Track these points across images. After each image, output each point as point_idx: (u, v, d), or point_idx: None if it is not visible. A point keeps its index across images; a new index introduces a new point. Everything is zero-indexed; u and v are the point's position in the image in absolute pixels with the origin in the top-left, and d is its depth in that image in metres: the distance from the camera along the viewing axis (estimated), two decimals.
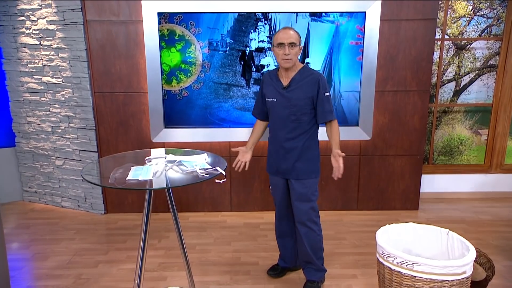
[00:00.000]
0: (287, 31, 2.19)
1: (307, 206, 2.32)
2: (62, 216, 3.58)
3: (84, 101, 3.43)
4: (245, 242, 3.07)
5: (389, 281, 1.88)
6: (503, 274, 2.60)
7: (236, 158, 2.47)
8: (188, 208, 3.66)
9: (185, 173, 1.70)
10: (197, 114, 3.44)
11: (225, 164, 1.79)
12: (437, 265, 1.72)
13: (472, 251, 1.81)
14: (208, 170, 1.70)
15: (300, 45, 2.22)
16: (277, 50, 2.20)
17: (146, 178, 1.59)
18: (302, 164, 2.30)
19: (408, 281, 1.79)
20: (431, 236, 2.08)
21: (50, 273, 2.62)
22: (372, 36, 3.27)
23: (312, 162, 2.33)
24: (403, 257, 1.78)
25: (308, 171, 2.32)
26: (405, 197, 3.68)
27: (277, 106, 2.30)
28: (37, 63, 3.51)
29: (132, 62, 3.35)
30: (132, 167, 1.72)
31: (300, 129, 2.28)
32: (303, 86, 2.24)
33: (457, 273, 1.73)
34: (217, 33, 3.27)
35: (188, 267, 1.98)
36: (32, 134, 3.74)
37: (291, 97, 2.25)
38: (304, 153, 2.30)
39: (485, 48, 3.77)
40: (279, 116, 2.30)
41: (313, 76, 2.24)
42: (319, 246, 2.41)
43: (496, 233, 3.23)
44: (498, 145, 3.94)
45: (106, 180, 1.65)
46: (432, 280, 1.74)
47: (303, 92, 2.23)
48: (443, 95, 3.88)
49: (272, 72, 2.38)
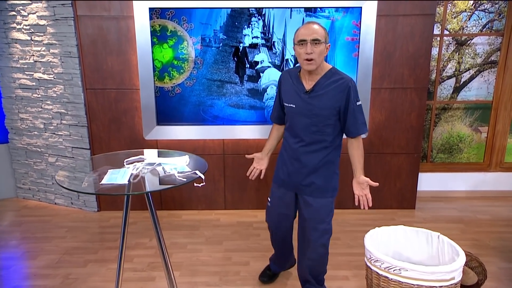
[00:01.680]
0: (310, 26, 1.86)
1: (319, 229, 2.06)
2: (55, 214, 3.57)
3: (75, 97, 3.40)
4: (237, 241, 3.04)
5: (377, 285, 1.84)
6: (499, 276, 2.56)
7: (251, 165, 2.29)
8: (181, 206, 3.64)
9: (162, 177, 1.67)
10: (190, 111, 3.40)
11: (205, 167, 1.76)
12: (425, 271, 1.68)
13: (461, 256, 1.78)
14: (187, 173, 1.67)
15: (327, 43, 1.89)
16: (298, 48, 1.88)
17: (122, 182, 1.56)
18: (319, 180, 2.02)
19: (396, 286, 1.76)
20: (422, 239, 2.05)
21: (38, 273, 2.62)
22: (369, 32, 3.20)
23: (331, 179, 2.05)
24: (391, 262, 1.75)
25: (325, 189, 2.03)
26: (402, 196, 3.64)
27: (297, 113, 1.99)
28: (29, 59, 3.48)
29: (124, 58, 3.31)
30: (109, 169, 1.69)
31: (321, 142, 1.98)
32: (330, 93, 1.91)
33: (445, 279, 1.70)
34: (209, 28, 3.22)
35: (167, 270, 1.92)
36: (24, 131, 3.72)
37: (315, 104, 1.93)
38: (324, 169, 2.02)
39: (486, 44, 3.70)
40: (298, 124, 1.99)
41: (343, 81, 1.90)
42: (323, 269, 2.23)
43: (494, 233, 3.18)
44: (498, 143, 3.87)
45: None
46: (420, 286, 1.70)
47: (330, 99, 1.91)
48: (442, 91, 3.81)
49: (293, 72, 2.05)
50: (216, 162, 3.54)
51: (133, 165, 1.72)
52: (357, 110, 1.93)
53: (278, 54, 3.28)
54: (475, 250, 2.90)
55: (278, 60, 3.29)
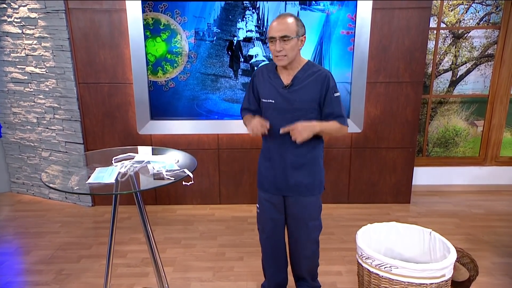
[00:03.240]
0: (280, 21, 1.80)
1: (310, 226, 2.04)
2: (49, 208, 3.57)
3: (68, 92, 3.37)
4: (231, 236, 3.05)
5: (368, 282, 1.85)
6: (491, 271, 2.57)
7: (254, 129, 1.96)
8: (176, 201, 3.64)
9: (151, 175, 1.66)
10: (184, 105, 3.38)
11: (195, 165, 1.75)
12: (415, 268, 1.68)
13: (452, 254, 1.78)
14: (175, 172, 1.65)
15: (299, 36, 1.83)
16: (270, 45, 1.85)
17: (108, 181, 1.55)
18: (306, 178, 1.98)
19: (386, 283, 1.76)
20: (414, 235, 2.05)
21: (31, 268, 2.62)
22: (364, 25, 3.17)
23: (317, 175, 2.01)
24: (381, 259, 1.75)
25: (312, 186, 2.00)
26: (397, 190, 3.64)
27: (276, 108, 1.93)
28: (20, 52, 3.44)
29: (117, 52, 3.28)
30: (96, 168, 1.68)
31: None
32: (309, 85, 1.88)
33: (436, 276, 1.70)
34: (203, 22, 3.19)
35: (156, 268, 1.90)
36: (17, 125, 3.70)
37: (294, 99, 1.89)
38: (310, 166, 1.98)
39: (483, 37, 3.67)
40: (278, 121, 1.91)
41: (320, 73, 1.89)
42: (317, 263, 2.22)
43: (488, 228, 3.19)
44: (494, 137, 3.87)
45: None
46: (410, 283, 1.71)
47: (309, 92, 1.88)
48: (439, 85, 3.80)
49: (270, 67, 2.00)
50: (211, 156, 3.53)
51: (121, 163, 1.71)
52: (334, 101, 1.90)
53: None
54: (469, 245, 2.91)
55: None
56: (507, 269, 2.60)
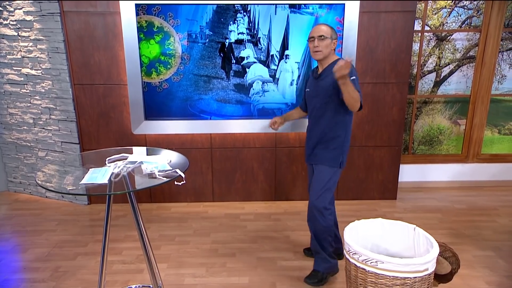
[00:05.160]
0: (318, 26, 2.24)
1: (315, 189, 2.31)
2: (46, 207, 3.53)
3: (64, 93, 3.33)
4: (224, 233, 3.04)
5: (355, 277, 1.86)
6: (472, 264, 2.60)
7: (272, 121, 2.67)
8: (170, 199, 3.62)
9: (144, 176, 1.64)
10: (177, 106, 3.36)
11: (186, 165, 1.74)
12: (400, 263, 1.69)
13: (435, 248, 1.79)
14: (167, 172, 1.64)
15: (333, 38, 2.24)
16: (309, 44, 2.27)
17: (102, 181, 1.53)
18: (322, 150, 2.32)
19: (372, 278, 1.77)
20: (399, 231, 2.06)
21: (28, 266, 2.59)
22: (351, 28, 3.18)
23: (334, 151, 2.30)
24: (368, 255, 1.76)
25: (327, 158, 2.30)
26: (384, 187, 3.66)
27: (310, 95, 2.38)
28: (16, 54, 3.39)
29: (111, 54, 3.25)
30: (90, 168, 1.66)
31: (326, 116, 2.28)
32: (330, 75, 2.19)
33: (419, 270, 1.71)
34: (196, 24, 3.17)
35: (150, 265, 1.89)
36: (14, 126, 3.65)
37: (320, 85, 2.28)
38: (326, 139, 2.30)
39: (465, 40, 3.70)
40: (310, 104, 2.40)
41: (339, 61, 2.11)
42: (323, 237, 2.36)
43: (469, 222, 3.23)
44: (475, 135, 3.91)
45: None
46: (395, 277, 1.72)
47: (330, 80, 2.19)
48: (424, 85, 3.82)
49: (315, 68, 2.43)
50: (204, 155, 3.51)
51: (115, 164, 1.69)
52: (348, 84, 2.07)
53: (263, 50, 3.24)
54: (452, 239, 2.94)
55: (264, 56, 3.25)
56: (487, 261, 2.64)
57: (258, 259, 2.66)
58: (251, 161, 3.54)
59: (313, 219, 2.35)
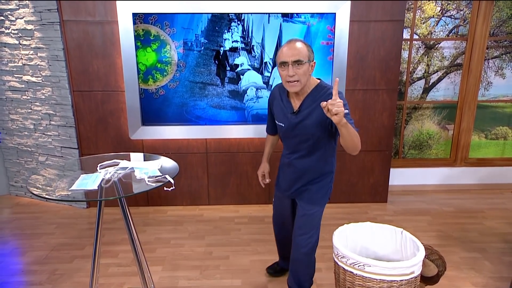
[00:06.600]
0: (292, 46, 1.66)
1: (309, 233, 1.97)
2: (45, 210, 3.50)
3: (63, 99, 3.32)
4: (218, 236, 3.02)
5: (343, 280, 1.84)
6: (459, 265, 2.59)
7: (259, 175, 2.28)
8: (167, 202, 3.59)
9: (134, 181, 1.63)
10: (173, 112, 3.34)
11: (176, 171, 1.72)
12: (387, 266, 1.68)
13: (421, 252, 1.78)
14: (158, 177, 1.62)
15: (311, 60, 1.70)
16: (280, 70, 1.70)
17: (91, 188, 1.51)
18: (311, 188, 1.94)
19: (360, 281, 1.75)
20: (387, 234, 2.04)
21: (25, 269, 2.56)
22: (342, 36, 3.17)
23: (325, 187, 1.95)
24: (355, 258, 1.74)
25: (318, 197, 1.94)
26: (375, 190, 3.65)
27: (286, 131, 1.88)
28: (17, 62, 3.38)
29: (109, 61, 3.23)
30: (81, 174, 1.64)
31: (313, 157, 1.88)
32: (316, 110, 1.72)
33: (405, 274, 1.69)
34: (191, 33, 3.16)
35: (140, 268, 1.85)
36: (15, 131, 3.62)
37: (303, 123, 1.79)
38: (315, 177, 1.93)
39: (452, 48, 3.70)
40: (289, 140, 1.92)
41: (328, 94, 1.73)
42: (307, 280, 2.09)
43: (457, 224, 3.21)
44: (463, 140, 3.90)
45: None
46: (382, 280, 1.70)
47: (316, 117, 1.74)
48: (413, 92, 3.82)
49: (283, 88, 1.86)
50: (200, 160, 3.49)
51: (105, 170, 1.67)
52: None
53: (257, 57, 3.23)
54: (440, 241, 2.92)
55: (257, 63, 3.24)
56: (473, 263, 2.62)
57: (251, 262, 2.64)
58: (245, 165, 3.52)
59: (299, 263, 2.02)
